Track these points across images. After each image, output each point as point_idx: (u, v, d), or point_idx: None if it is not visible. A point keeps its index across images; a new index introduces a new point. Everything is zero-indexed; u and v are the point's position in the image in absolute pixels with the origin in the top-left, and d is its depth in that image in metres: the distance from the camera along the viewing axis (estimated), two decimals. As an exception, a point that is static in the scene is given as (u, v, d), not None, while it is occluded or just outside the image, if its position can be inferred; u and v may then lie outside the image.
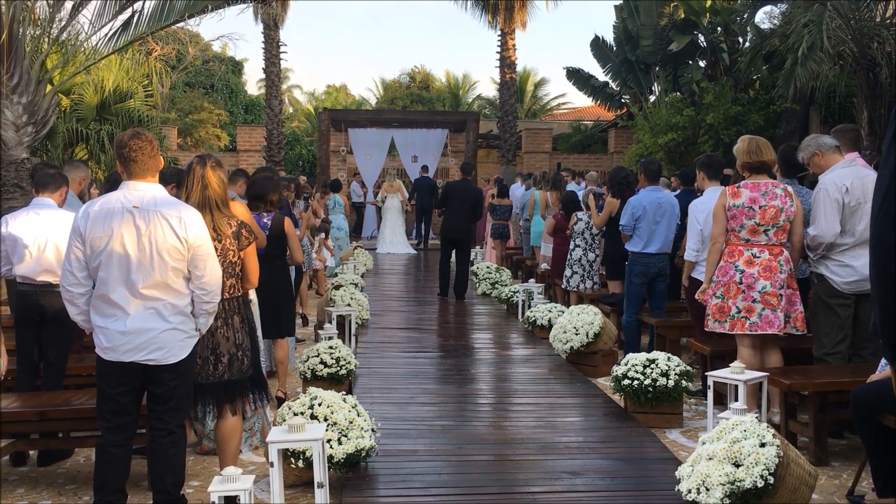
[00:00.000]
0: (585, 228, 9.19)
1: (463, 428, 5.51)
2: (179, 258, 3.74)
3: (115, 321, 3.69)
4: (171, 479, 3.83)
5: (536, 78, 35.99)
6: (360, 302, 9.12)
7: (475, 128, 19.61)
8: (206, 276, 3.81)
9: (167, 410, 3.82)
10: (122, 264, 3.67)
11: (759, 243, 5.37)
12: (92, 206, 3.76)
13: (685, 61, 18.03)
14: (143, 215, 3.71)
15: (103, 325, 3.71)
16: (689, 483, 3.73)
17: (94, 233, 3.68)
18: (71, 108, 13.65)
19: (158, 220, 3.71)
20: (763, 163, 5.44)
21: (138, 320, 3.68)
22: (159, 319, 3.72)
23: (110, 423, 3.79)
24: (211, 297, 3.86)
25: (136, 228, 3.69)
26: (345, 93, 43.45)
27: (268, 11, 19.83)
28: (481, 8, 22.45)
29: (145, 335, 3.69)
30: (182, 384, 3.84)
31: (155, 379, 3.77)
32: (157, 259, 3.70)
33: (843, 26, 11.29)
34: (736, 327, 5.41)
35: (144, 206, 3.73)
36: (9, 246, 5.09)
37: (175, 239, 3.72)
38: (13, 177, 8.79)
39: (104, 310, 3.71)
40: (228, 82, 30.89)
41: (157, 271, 3.70)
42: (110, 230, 3.67)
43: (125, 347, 3.68)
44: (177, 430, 3.86)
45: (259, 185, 6.35)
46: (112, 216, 3.69)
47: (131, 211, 3.71)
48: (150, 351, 3.70)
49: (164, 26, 10.37)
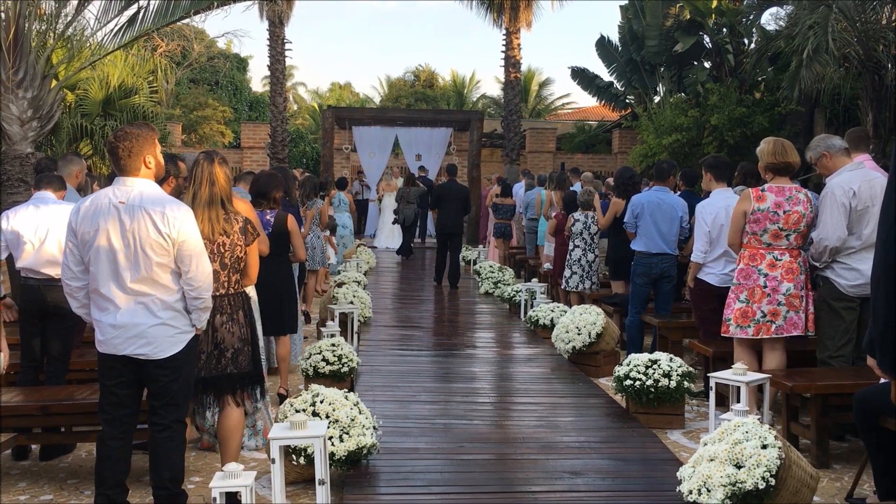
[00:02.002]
0: (584, 229, 9.18)
1: (464, 427, 5.51)
2: (164, 254, 3.75)
3: (107, 314, 3.74)
4: (168, 475, 3.84)
5: (541, 77, 36.03)
6: (363, 300, 9.12)
7: (479, 127, 19.60)
8: (191, 272, 3.80)
9: (163, 406, 3.84)
10: (109, 259, 3.72)
11: (780, 247, 5.38)
12: (83, 203, 3.84)
13: (690, 62, 18.00)
14: (128, 211, 3.74)
15: (98, 319, 3.78)
16: (691, 484, 3.73)
17: (83, 228, 3.76)
18: (76, 103, 13.68)
19: (142, 215, 3.74)
20: (788, 164, 5.42)
21: (128, 314, 3.72)
22: (148, 314, 3.75)
23: (109, 416, 3.84)
24: (199, 292, 3.84)
25: (121, 224, 3.72)
26: (349, 90, 43.45)
27: (273, 8, 19.83)
28: (486, 7, 22.42)
29: (134, 329, 3.72)
30: (177, 380, 3.84)
31: (148, 374, 3.80)
32: (142, 255, 3.73)
33: (849, 28, 11.27)
34: (761, 332, 5.41)
35: (130, 202, 3.76)
36: (10, 241, 5.11)
37: (157, 234, 3.73)
38: (17, 171, 8.81)
39: (98, 303, 3.78)
40: (233, 79, 30.91)
41: (143, 267, 3.73)
42: (97, 225, 3.73)
43: (116, 341, 3.73)
44: (173, 425, 3.87)
45: (262, 182, 6.35)
46: (99, 212, 3.75)
47: (117, 207, 3.75)
48: (139, 346, 3.73)
49: (170, 22, 10.38)
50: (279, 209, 6.37)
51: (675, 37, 17.75)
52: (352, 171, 22.50)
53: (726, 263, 6.24)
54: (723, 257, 6.28)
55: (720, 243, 6.25)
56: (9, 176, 8.81)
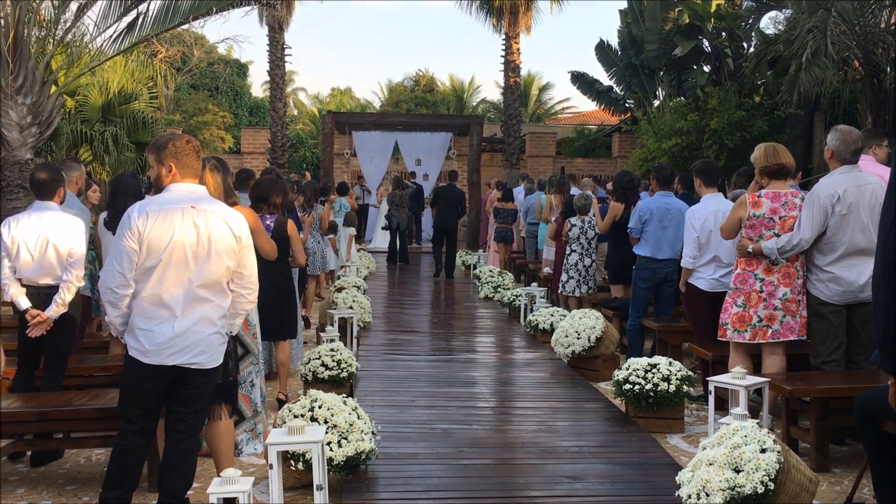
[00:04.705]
0: (581, 234, 9.17)
1: (463, 431, 5.50)
2: (234, 257, 3.79)
3: (162, 324, 3.64)
4: (182, 483, 3.81)
5: (541, 82, 36.07)
6: (363, 305, 9.12)
7: (479, 132, 19.61)
8: (252, 275, 3.90)
9: (192, 413, 3.80)
10: (180, 263, 3.66)
11: None
12: (149, 206, 3.70)
13: (689, 66, 18.02)
14: (201, 214, 3.72)
15: (147, 328, 3.65)
16: (690, 488, 3.72)
17: (154, 232, 3.62)
18: (76, 109, 13.70)
19: (216, 218, 3.75)
20: (782, 165, 5.41)
21: (187, 322, 3.67)
22: (207, 323, 3.73)
23: (136, 427, 3.74)
24: (254, 296, 3.94)
25: (196, 227, 3.70)
26: (349, 96, 43.48)
27: (273, 14, 19.87)
28: (486, 12, 22.48)
29: (193, 337, 3.68)
30: (210, 386, 3.87)
31: (188, 382, 3.73)
32: (215, 257, 3.72)
33: (848, 32, 11.29)
34: (758, 336, 5.40)
35: (201, 206, 3.75)
36: (10, 249, 5.09)
37: (231, 237, 3.77)
38: (17, 177, 8.81)
39: (150, 312, 3.65)
40: (233, 85, 30.98)
41: (214, 270, 3.72)
42: (172, 229, 3.65)
43: (169, 350, 3.64)
44: (196, 433, 3.86)
45: (262, 187, 6.36)
46: (172, 215, 3.68)
47: (190, 210, 3.71)
48: (194, 354, 3.69)
49: (169, 28, 10.41)
50: (279, 214, 6.38)
51: (674, 41, 17.78)
52: (352, 175, 22.51)
53: (716, 268, 6.26)
54: (712, 262, 6.29)
55: (709, 249, 6.26)
56: (8, 182, 8.82)
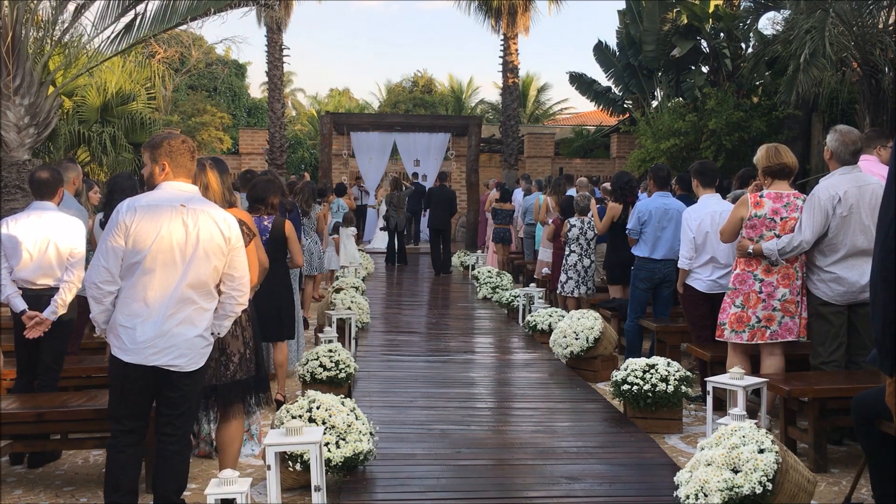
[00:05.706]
0: (580, 234, 9.17)
1: (462, 432, 5.50)
2: (222, 258, 3.75)
3: (143, 323, 3.59)
4: (175, 487, 3.78)
5: (539, 82, 36.04)
6: (361, 305, 9.11)
7: (477, 132, 19.60)
8: (242, 276, 3.85)
9: (179, 416, 3.75)
10: (167, 262, 3.62)
11: None
12: (138, 202, 3.68)
13: (688, 67, 18.01)
14: (191, 213, 3.69)
15: (129, 326, 3.60)
16: (688, 489, 3.72)
17: (141, 228, 3.59)
18: (73, 110, 13.70)
19: (206, 218, 3.71)
20: (784, 165, 5.40)
21: (170, 323, 3.61)
22: (189, 325, 3.67)
23: (125, 427, 3.71)
24: (244, 298, 3.90)
25: (185, 225, 3.66)
26: (348, 96, 43.46)
27: (271, 15, 19.81)
28: (484, 12, 22.45)
29: (173, 339, 3.62)
30: (196, 389, 3.81)
31: (172, 384, 3.69)
32: (203, 257, 3.68)
33: (846, 33, 11.28)
34: (756, 337, 5.40)
35: (191, 205, 3.71)
36: (8, 249, 5.08)
37: (221, 238, 3.73)
38: (14, 178, 8.81)
39: (133, 309, 3.61)
40: (231, 85, 30.95)
41: (202, 269, 3.68)
42: (159, 226, 3.61)
43: (149, 351, 3.59)
44: (185, 436, 3.83)
45: (260, 188, 6.35)
46: (161, 212, 3.64)
47: (179, 209, 3.68)
48: (174, 356, 3.64)
49: (167, 29, 10.39)
50: (276, 214, 6.37)
51: (672, 41, 17.77)
52: (350, 176, 22.50)
53: (713, 269, 6.26)
54: (709, 263, 6.28)
55: (706, 250, 6.26)
56: (6, 183, 8.81)
